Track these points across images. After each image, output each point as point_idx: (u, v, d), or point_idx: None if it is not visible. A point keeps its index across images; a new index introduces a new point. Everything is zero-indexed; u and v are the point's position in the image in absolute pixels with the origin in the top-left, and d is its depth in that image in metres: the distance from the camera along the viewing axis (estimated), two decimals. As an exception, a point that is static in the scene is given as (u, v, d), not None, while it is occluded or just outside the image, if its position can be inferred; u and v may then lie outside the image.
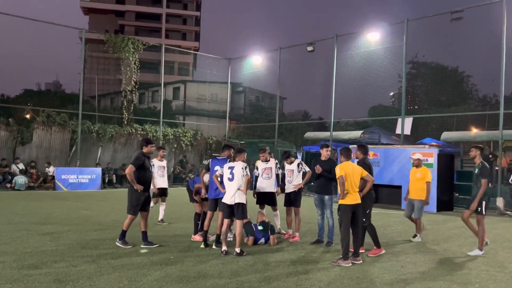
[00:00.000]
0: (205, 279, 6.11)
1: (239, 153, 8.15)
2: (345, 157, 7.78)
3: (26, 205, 14.44)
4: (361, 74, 22.94)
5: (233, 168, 7.82)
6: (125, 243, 8.15)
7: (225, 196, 7.92)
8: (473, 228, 8.72)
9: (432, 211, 15.91)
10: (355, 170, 7.62)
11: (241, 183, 7.76)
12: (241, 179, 7.74)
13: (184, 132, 28.18)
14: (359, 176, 7.61)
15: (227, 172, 7.88)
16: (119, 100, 30.18)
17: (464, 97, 34.72)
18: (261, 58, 28.42)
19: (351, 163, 7.75)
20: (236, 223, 7.85)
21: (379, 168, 17.89)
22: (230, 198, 7.79)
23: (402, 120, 19.97)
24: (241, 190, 7.77)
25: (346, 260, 7.20)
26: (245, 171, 7.76)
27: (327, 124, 25.83)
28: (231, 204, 7.81)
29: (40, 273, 6.16)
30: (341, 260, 7.22)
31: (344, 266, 7.08)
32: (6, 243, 8.06)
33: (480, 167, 8.56)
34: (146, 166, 8.37)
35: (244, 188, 7.78)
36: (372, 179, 7.83)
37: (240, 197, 7.77)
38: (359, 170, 7.66)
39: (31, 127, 22.68)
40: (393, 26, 21.47)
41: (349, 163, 7.70)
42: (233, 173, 7.79)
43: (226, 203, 7.87)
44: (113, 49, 25.56)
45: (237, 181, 7.75)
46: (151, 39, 45.65)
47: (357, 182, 7.55)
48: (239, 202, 7.76)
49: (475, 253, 8.38)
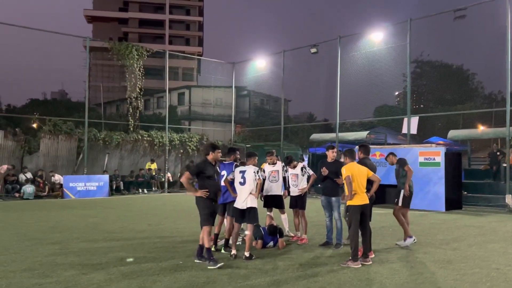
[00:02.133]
0: (215, 284, 6.11)
1: (250, 157, 8.18)
2: (349, 158, 7.76)
3: (35, 214, 14.51)
4: (365, 75, 22.91)
5: (245, 172, 7.80)
6: (214, 261, 7.14)
7: (236, 201, 7.91)
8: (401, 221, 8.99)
9: (441, 210, 15.83)
10: (361, 170, 7.61)
11: (253, 187, 7.76)
12: (253, 183, 7.73)
13: (190, 137, 28.25)
14: (365, 177, 7.60)
15: (239, 176, 7.87)
16: (125, 107, 30.30)
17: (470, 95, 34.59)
18: (265, 61, 28.46)
19: (356, 163, 7.76)
20: (247, 227, 7.84)
21: (385, 168, 17.79)
22: (242, 203, 7.78)
23: (408, 120, 19.90)
24: (253, 194, 7.75)
25: (355, 262, 7.18)
26: (257, 175, 7.76)
27: (333, 125, 25.80)
28: (243, 208, 7.81)
29: (50, 281, 6.18)
30: (350, 262, 7.19)
31: (353, 268, 7.06)
32: (16, 253, 8.10)
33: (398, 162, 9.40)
34: (208, 174, 7.56)
35: (256, 192, 7.78)
36: (379, 179, 7.80)
37: (252, 201, 7.74)
38: (365, 171, 7.64)
39: (38, 136, 22.83)
40: (397, 26, 21.43)
41: (355, 164, 7.71)
42: (244, 177, 7.77)
43: (238, 208, 7.87)
44: (117, 56, 25.69)
45: (249, 185, 7.74)
46: (155, 46, 45.92)
47: (364, 182, 7.54)
48: (251, 207, 7.74)
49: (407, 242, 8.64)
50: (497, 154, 19.33)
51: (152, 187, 24.67)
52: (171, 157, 27.15)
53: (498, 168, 18.92)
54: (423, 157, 16.75)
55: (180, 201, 19.33)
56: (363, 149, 8.63)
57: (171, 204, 18.09)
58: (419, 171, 16.80)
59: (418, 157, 16.88)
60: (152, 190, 24.48)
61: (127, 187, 23.76)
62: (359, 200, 7.44)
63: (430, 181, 16.45)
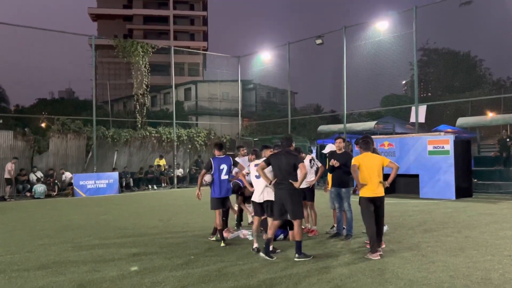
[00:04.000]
0: (227, 278, 6.14)
1: (264, 150, 8.21)
2: (363, 148, 7.65)
3: (46, 213, 14.64)
4: (371, 64, 22.80)
5: None
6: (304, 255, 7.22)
7: (254, 195, 7.93)
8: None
9: (451, 198, 15.78)
10: (373, 161, 7.45)
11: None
12: (269, 175, 7.73)
13: (197, 133, 28.30)
14: (378, 167, 7.38)
15: (254, 170, 7.88)
16: (132, 104, 30.41)
17: (478, 82, 34.24)
18: (270, 54, 28.41)
19: (369, 154, 7.57)
20: (268, 220, 7.81)
21: (395, 158, 17.75)
22: (259, 196, 7.80)
23: (416, 108, 19.79)
24: (270, 187, 7.69)
25: (374, 253, 7.13)
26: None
27: (340, 116, 25.73)
28: (260, 202, 7.82)
29: (64, 279, 6.24)
30: (369, 254, 7.17)
31: (369, 258, 7.04)
32: (29, 251, 8.19)
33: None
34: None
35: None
36: (397, 166, 7.49)
37: (269, 194, 7.73)
38: (379, 161, 7.45)
39: (47, 136, 22.97)
40: (402, 14, 21.24)
41: (367, 155, 7.55)
42: None
43: (255, 201, 7.88)
44: (123, 53, 25.73)
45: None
46: (160, 42, 45.84)
47: (375, 173, 7.33)
48: (268, 199, 7.74)
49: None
50: (506, 140, 19.19)
51: (161, 183, 24.79)
52: (179, 153, 27.23)
53: (508, 155, 18.78)
54: (432, 145, 16.68)
55: (190, 197, 19.39)
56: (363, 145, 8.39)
57: (181, 200, 18.17)
58: (429, 159, 16.75)
59: (427, 145, 16.80)
60: (162, 186, 24.60)
61: (136, 183, 23.89)
62: (369, 192, 7.35)
63: (440, 169, 16.38)
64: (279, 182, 7.43)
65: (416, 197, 16.69)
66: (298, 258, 7.13)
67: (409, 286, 5.60)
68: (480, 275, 6.01)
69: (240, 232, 9.27)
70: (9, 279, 6.29)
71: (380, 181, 7.38)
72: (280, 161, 7.44)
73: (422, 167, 16.92)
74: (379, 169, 7.40)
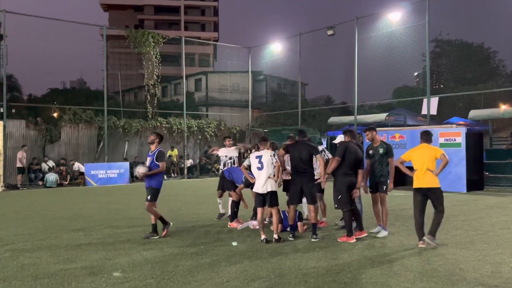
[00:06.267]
0: (236, 266, 6.18)
1: (263, 141, 8.20)
2: (423, 139, 7.60)
3: (58, 201, 14.80)
4: (383, 56, 22.63)
5: (261, 157, 7.85)
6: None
7: (256, 186, 7.97)
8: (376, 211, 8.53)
9: (462, 191, 15.67)
10: (425, 152, 7.41)
11: (271, 171, 7.80)
12: (270, 167, 7.77)
13: (207, 123, 28.37)
14: (429, 159, 7.33)
15: (255, 162, 7.92)
16: (143, 94, 30.52)
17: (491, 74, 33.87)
18: (281, 45, 28.30)
19: (424, 145, 7.53)
20: (272, 211, 7.92)
21: (405, 150, 17.63)
22: (262, 187, 7.85)
23: (428, 100, 19.62)
24: (272, 178, 7.81)
25: (419, 241, 7.33)
26: (274, 158, 7.79)
27: (351, 108, 25.62)
28: (263, 193, 7.86)
29: (75, 267, 6.32)
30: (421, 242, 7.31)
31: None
32: (41, 239, 8.30)
33: (386, 147, 8.34)
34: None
35: (276, 176, 7.87)
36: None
37: (272, 185, 7.82)
38: (432, 152, 7.40)
39: (59, 125, 23.17)
40: (415, 5, 21.00)
41: (420, 146, 7.56)
42: (262, 162, 7.83)
43: (258, 192, 7.92)
44: (134, 44, 25.82)
45: (266, 170, 7.80)
46: (170, 32, 45.90)
47: (425, 165, 7.32)
48: (271, 191, 7.82)
49: (382, 234, 8.21)
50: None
51: (172, 173, 24.91)
52: (189, 144, 27.32)
53: (520, 148, 18.59)
54: (443, 138, 16.54)
55: (201, 187, 19.50)
56: (349, 133, 8.40)
57: (191, 190, 18.26)
58: (440, 152, 16.61)
59: (438, 138, 16.67)
60: (172, 176, 24.73)
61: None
62: (417, 182, 7.40)
63: (451, 162, 16.07)
64: (300, 170, 7.94)
65: (426, 190, 16.60)
66: (315, 238, 7.89)
67: (418, 278, 5.59)
68: (490, 269, 5.98)
69: (250, 223, 9.30)
70: (22, 266, 6.38)
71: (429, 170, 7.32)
72: (300, 151, 7.96)
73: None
74: (430, 160, 7.34)
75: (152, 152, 8.60)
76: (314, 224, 8.04)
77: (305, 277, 5.69)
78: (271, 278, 5.65)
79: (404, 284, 5.37)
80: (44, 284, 5.55)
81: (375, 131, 8.59)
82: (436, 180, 7.31)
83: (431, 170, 7.31)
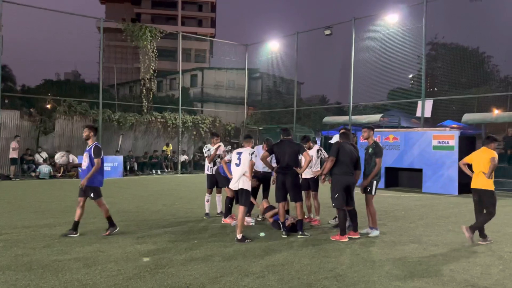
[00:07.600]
0: (230, 262, 6.23)
1: (247, 139, 8.25)
2: (484, 143, 8.05)
3: (52, 193, 14.78)
4: (379, 57, 22.73)
5: (241, 154, 7.90)
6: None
7: (231, 182, 8.06)
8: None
9: (454, 193, 15.82)
10: (481, 156, 7.88)
11: (246, 169, 7.81)
12: (247, 164, 7.80)
13: (202, 119, 28.36)
14: (484, 162, 7.77)
15: (235, 158, 7.99)
16: (138, 88, 30.45)
17: (485, 78, 34.06)
18: (278, 43, 28.33)
19: (484, 149, 7.94)
20: (239, 209, 7.86)
21: (399, 151, 17.79)
22: (235, 183, 7.91)
23: (422, 103, 19.76)
24: (246, 175, 7.79)
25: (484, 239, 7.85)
26: (251, 156, 7.79)
27: (346, 108, 25.70)
28: (235, 189, 7.96)
29: (69, 258, 6.34)
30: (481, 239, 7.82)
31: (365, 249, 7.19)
32: (35, 230, 8.31)
33: (374, 147, 8.41)
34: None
35: (248, 173, 7.80)
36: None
37: (244, 183, 7.80)
38: (487, 155, 7.77)
39: (53, 117, 23.07)
40: (412, 8, 21.15)
41: (480, 150, 8.03)
42: (240, 159, 7.87)
43: (232, 189, 8.06)
44: (131, 37, 25.75)
45: (242, 167, 7.81)
46: (167, 27, 45.75)
47: (479, 167, 7.84)
48: (242, 188, 7.82)
49: (374, 234, 8.25)
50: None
51: (165, 168, 24.91)
52: (184, 139, 27.32)
53: (512, 152, 18.76)
54: (436, 140, 16.69)
55: (194, 182, 19.53)
56: (343, 135, 8.37)
57: (185, 185, 18.28)
58: (433, 154, 16.77)
59: (431, 140, 16.82)
60: (165, 171, 24.73)
61: (140, 168, 24.03)
62: (473, 183, 7.98)
63: (444, 164, 16.41)
64: (284, 168, 8.05)
65: (419, 191, 16.75)
66: (301, 235, 8.01)
67: (409, 278, 5.67)
68: (480, 270, 6.07)
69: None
70: (15, 257, 6.39)
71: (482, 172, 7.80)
72: (285, 149, 8.08)
73: (426, 161, 16.95)
74: (484, 163, 7.78)
75: (89, 147, 8.21)
76: (301, 221, 8.14)
77: (298, 274, 5.75)
78: (265, 274, 5.70)
79: (396, 283, 5.45)
80: (39, 274, 5.57)
81: (372, 131, 8.67)
82: (488, 182, 7.78)
83: (484, 173, 7.76)
